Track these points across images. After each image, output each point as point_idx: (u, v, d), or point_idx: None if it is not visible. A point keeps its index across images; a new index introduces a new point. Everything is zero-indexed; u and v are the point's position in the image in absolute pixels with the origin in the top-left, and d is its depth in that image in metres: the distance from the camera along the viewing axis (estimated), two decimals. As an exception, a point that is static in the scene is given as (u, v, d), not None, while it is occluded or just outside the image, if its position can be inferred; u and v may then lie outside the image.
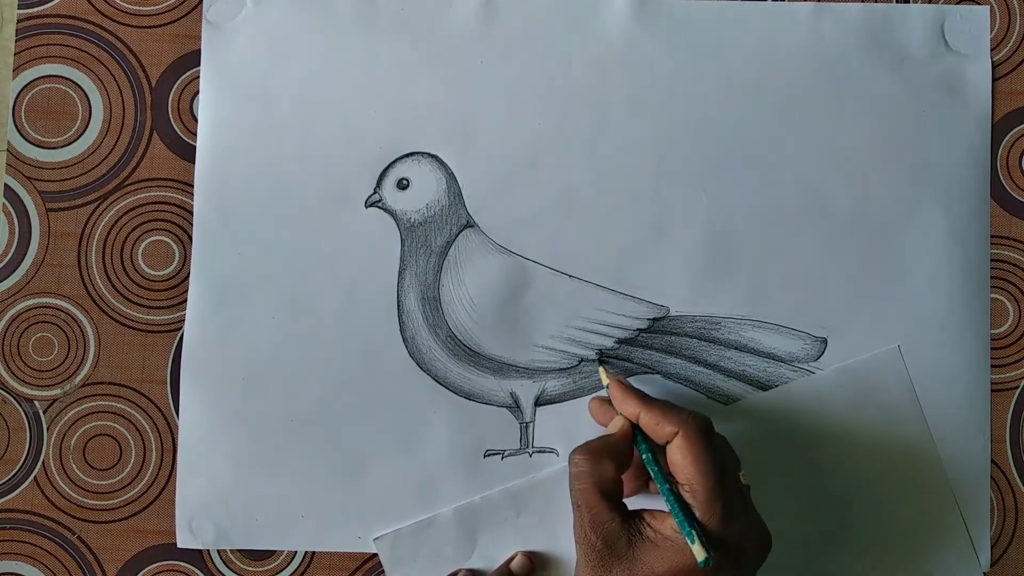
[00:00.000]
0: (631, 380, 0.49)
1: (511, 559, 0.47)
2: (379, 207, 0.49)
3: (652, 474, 0.42)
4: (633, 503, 0.42)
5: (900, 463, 0.48)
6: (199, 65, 0.50)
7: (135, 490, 0.49)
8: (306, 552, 0.49)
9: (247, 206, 0.49)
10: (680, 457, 0.40)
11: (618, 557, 0.39)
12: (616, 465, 0.42)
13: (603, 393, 0.48)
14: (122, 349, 0.49)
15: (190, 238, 0.50)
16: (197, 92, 0.50)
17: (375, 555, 0.49)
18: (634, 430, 0.43)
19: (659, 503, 0.42)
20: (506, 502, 0.48)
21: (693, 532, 0.38)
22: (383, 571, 0.49)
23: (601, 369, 0.47)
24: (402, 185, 0.49)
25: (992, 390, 0.49)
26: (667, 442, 0.41)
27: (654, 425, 0.42)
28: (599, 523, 0.40)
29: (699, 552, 0.38)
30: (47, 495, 0.49)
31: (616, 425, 0.44)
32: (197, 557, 0.49)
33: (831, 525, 0.48)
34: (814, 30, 0.50)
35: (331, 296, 0.49)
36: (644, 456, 0.42)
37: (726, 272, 0.49)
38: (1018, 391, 0.50)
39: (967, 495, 0.48)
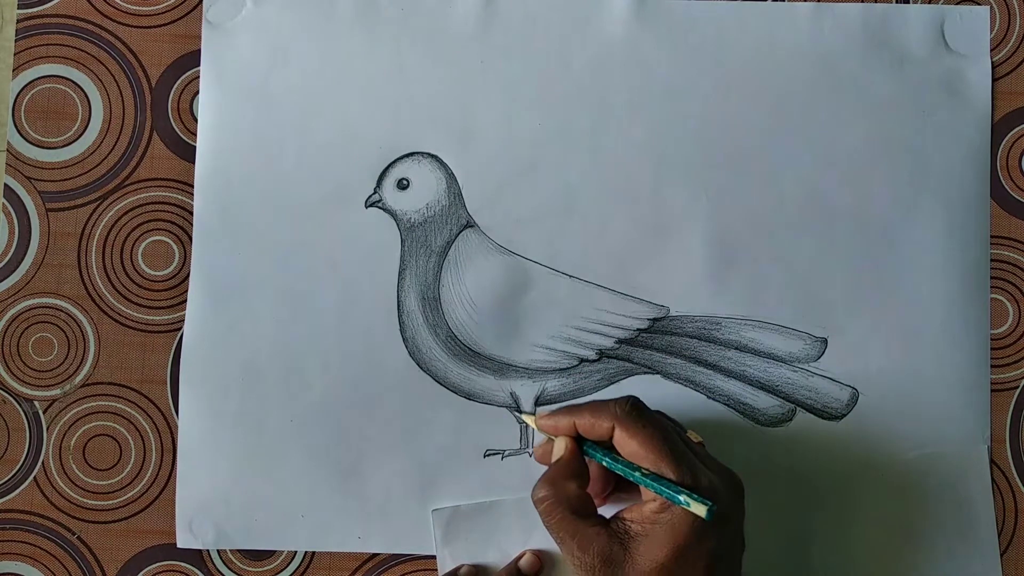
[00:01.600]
0: (629, 381, 0.49)
1: (520, 557, 0.47)
2: (379, 207, 0.49)
3: (619, 471, 0.41)
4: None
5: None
6: (199, 65, 0.50)
7: (135, 490, 0.49)
8: (306, 552, 0.49)
9: (247, 206, 0.49)
10: (626, 444, 0.40)
11: (619, 564, 0.39)
12: (578, 482, 0.42)
13: (541, 439, 0.47)
14: (122, 349, 0.49)
15: (190, 238, 0.50)
16: (197, 92, 0.50)
17: (375, 555, 0.49)
18: (579, 445, 0.43)
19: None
20: None
21: (684, 494, 0.38)
22: (383, 571, 0.49)
23: (524, 416, 0.47)
24: (402, 185, 0.49)
25: (992, 390, 0.49)
26: (611, 437, 0.41)
27: (591, 429, 0.42)
28: (587, 543, 0.40)
29: (700, 508, 0.38)
30: (47, 495, 0.49)
31: (560, 448, 0.43)
32: (197, 557, 0.49)
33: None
34: (814, 30, 0.50)
35: (331, 296, 0.49)
36: (603, 461, 0.42)
37: (726, 272, 0.49)
38: (1018, 391, 0.50)
39: (968, 495, 0.48)
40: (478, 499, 0.48)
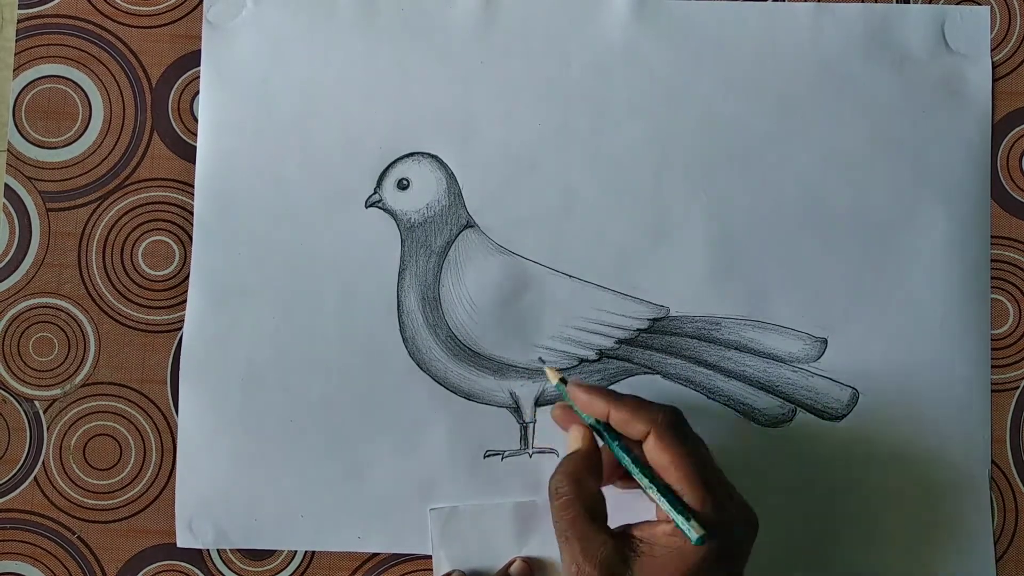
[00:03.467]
0: (629, 381, 0.49)
1: (510, 564, 0.47)
2: (379, 207, 0.49)
3: (634, 472, 0.41)
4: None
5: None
6: (199, 65, 0.50)
7: (135, 490, 0.49)
8: (306, 552, 0.49)
9: (247, 206, 0.49)
10: (658, 456, 0.40)
11: None
12: (596, 480, 0.41)
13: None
14: (122, 349, 0.49)
15: (190, 238, 0.50)
16: (197, 92, 0.50)
17: (375, 555, 0.49)
18: (600, 432, 0.42)
19: (633, 502, 0.42)
20: None
21: (686, 514, 0.38)
22: (383, 571, 0.49)
23: (548, 370, 0.46)
24: (402, 185, 0.49)
25: (992, 390, 0.49)
26: (641, 439, 0.41)
27: (624, 424, 0.41)
28: (592, 551, 0.39)
29: (694, 531, 0.38)
30: (47, 495, 0.49)
31: (578, 437, 0.42)
32: (197, 557, 0.49)
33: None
34: (814, 30, 0.50)
35: (331, 296, 0.49)
36: (623, 458, 0.41)
37: (726, 272, 0.49)
38: (1018, 391, 0.50)
39: (967, 495, 0.48)
40: (478, 499, 0.48)
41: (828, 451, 0.48)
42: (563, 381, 0.44)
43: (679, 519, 0.38)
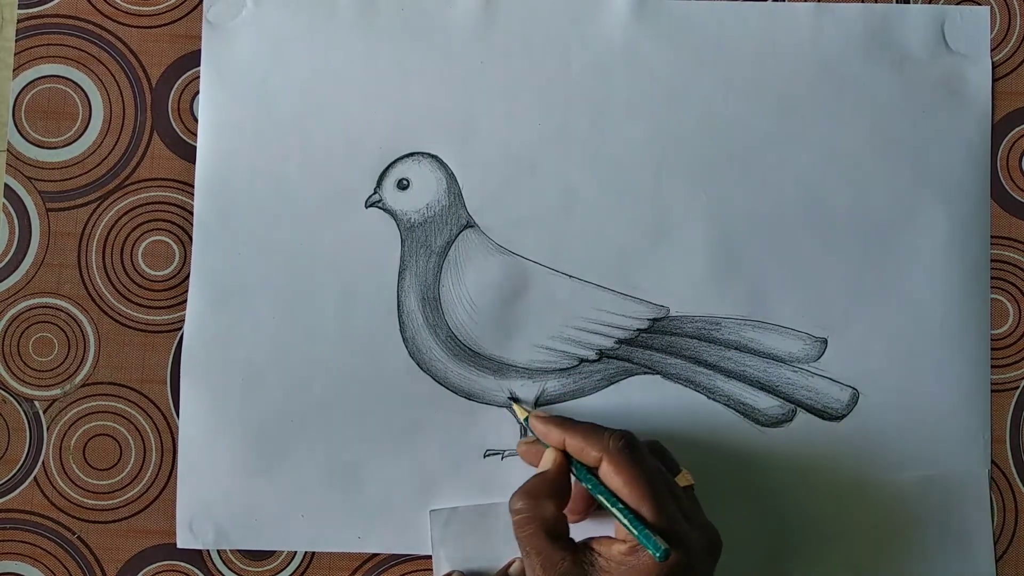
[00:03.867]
0: (629, 381, 0.49)
1: (509, 564, 0.47)
2: (379, 207, 0.49)
3: (595, 495, 0.41)
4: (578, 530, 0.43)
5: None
6: (199, 65, 0.50)
7: (135, 490, 0.49)
8: (306, 552, 0.49)
9: (247, 206, 0.49)
10: (612, 479, 0.41)
11: None
12: (557, 502, 0.42)
13: (529, 436, 0.47)
14: (122, 349, 0.49)
15: (190, 238, 0.50)
16: (197, 92, 0.50)
17: (375, 555, 0.49)
18: (568, 459, 0.43)
19: (603, 527, 0.43)
20: None
21: (647, 531, 0.39)
22: (383, 571, 0.49)
23: (515, 407, 0.48)
24: (402, 185, 0.49)
25: (992, 390, 0.49)
26: (596, 465, 0.42)
27: (579, 452, 0.42)
28: (551, 565, 0.40)
29: (660, 544, 0.38)
30: (47, 495, 0.49)
31: (548, 460, 0.43)
32: (197, 557, 0.49)
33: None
34: (814, 30, 0.50)
35: (331, 296, 0.49)
36: (585, 482, 0.42)
37: (726, 272, 0.49)
38: (1018, 391, 0.50)
39: (967, 496, 0.48)
40: (478, 499, 0.48)
41: (828, 451, 0.48)
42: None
43: (641, 535, 0.39)
